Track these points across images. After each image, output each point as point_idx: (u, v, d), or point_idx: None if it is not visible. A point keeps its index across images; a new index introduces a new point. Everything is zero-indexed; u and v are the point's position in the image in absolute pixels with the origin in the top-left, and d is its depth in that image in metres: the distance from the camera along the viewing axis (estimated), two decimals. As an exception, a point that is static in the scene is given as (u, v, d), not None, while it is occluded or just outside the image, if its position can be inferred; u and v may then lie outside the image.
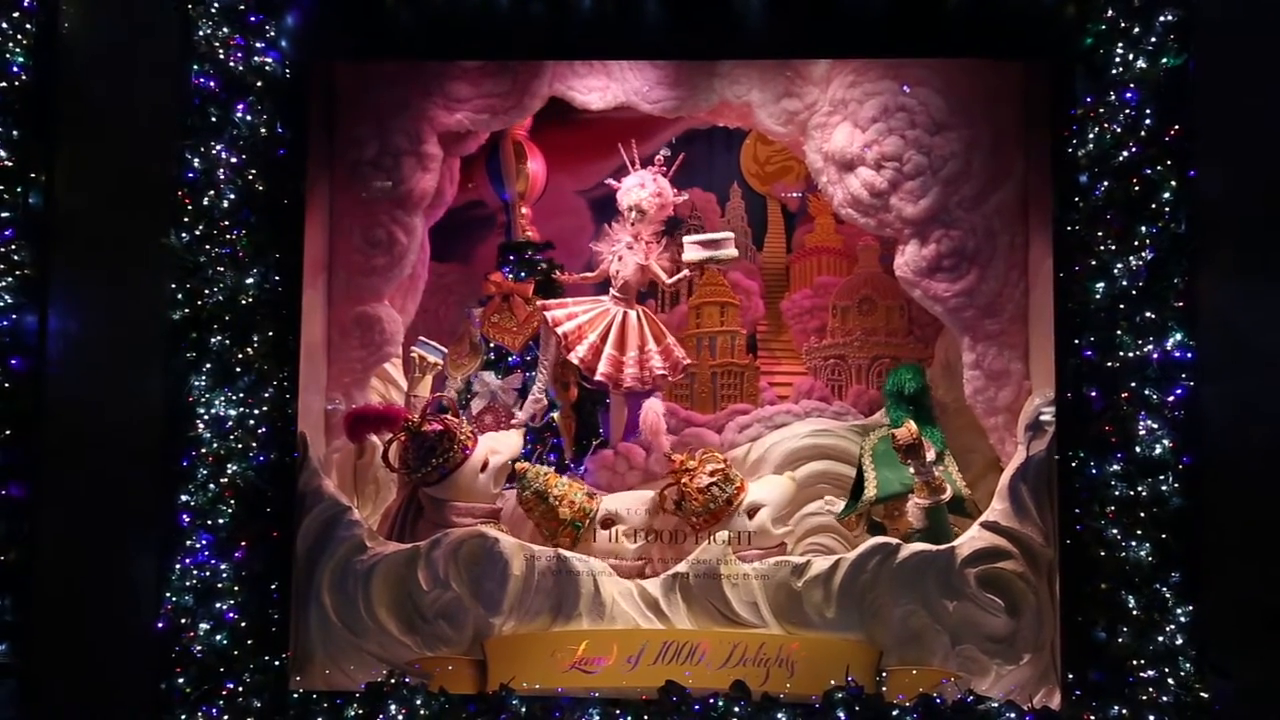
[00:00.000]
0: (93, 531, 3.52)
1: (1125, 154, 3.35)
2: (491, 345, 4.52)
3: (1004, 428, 3.92)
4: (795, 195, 4.76)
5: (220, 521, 3.48)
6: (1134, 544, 3.26)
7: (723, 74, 4.06)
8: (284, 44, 3.65)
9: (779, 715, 3.34)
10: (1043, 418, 3.66)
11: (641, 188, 4.19)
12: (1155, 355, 3.29)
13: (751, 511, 3.85)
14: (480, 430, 4.15)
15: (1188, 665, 3.18)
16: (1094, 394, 3.37)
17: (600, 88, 4.12)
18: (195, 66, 3.56)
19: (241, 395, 3.54)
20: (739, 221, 4.81)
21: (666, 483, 3.90)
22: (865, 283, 4.59)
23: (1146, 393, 3.29)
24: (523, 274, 4.54)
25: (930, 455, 3.84)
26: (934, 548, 3.70)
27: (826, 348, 4.57)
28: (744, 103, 4.09)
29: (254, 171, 3.59)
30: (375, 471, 4.23)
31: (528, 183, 4.68)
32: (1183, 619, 3.19)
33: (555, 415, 4.28)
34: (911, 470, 3.84)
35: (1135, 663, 3.22)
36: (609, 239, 4.26)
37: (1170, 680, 3.18)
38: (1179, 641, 3.18)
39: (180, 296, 3.53)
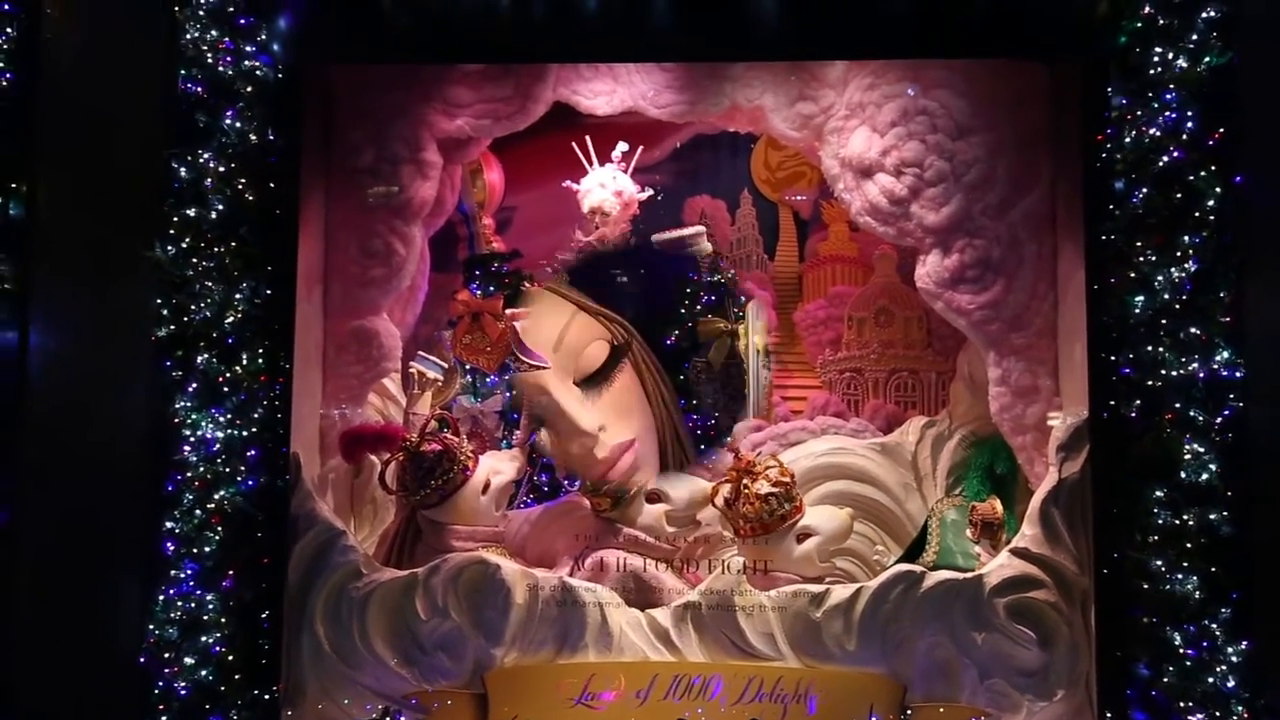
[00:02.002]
0: (73, 560, 3.36)
1: (1165, 159, 3.19)
2: (467, 368, 4.33)
3: (1033, 447, 3.73)
4: (801, 198, 4.59)
5: (206, 549, 3.33)
6: (1179, 576, 3.08)
7: (734, 77, 3.90)
8: (275, 47, 3.53)
9: (798, 756, 3.17)
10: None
11: (602, 188, 4.01)
12: (1201, 374, 3.12)
13: (802, 536, 3.68)
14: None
15: (1240, 708, 2.99)
16: (1133, 414, 3.20)
17: (606, 92, 3.96)
18: (182, 71, 3.43)
19: (230, 416, 3.39)
20: (749, 229, 4.63)
21: (725, 477, 3.75)
22: (882, 293, 4.41)
23: (1192, 414, 3.11)
24: (491, 288, 4.33)
25: (1003, 538, 3.66)
26: (960, 575, 3.51)
27: (842, 360, 4.39)
28: (756, 107, 3.92)
29: (244, 180, 3.46)
30: (373, 491, 4.06)
31: (486, 192, 4.52)
32: (1234, 658, 3.01)
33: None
34: (977, 549, 3.66)
35: (1182, 704, 3.04)
36: (575, 245, 4.06)
37: (1221, 724, 3.01)
38: (1230, 683, 3.00)
39: (166, 312, 3.39)
